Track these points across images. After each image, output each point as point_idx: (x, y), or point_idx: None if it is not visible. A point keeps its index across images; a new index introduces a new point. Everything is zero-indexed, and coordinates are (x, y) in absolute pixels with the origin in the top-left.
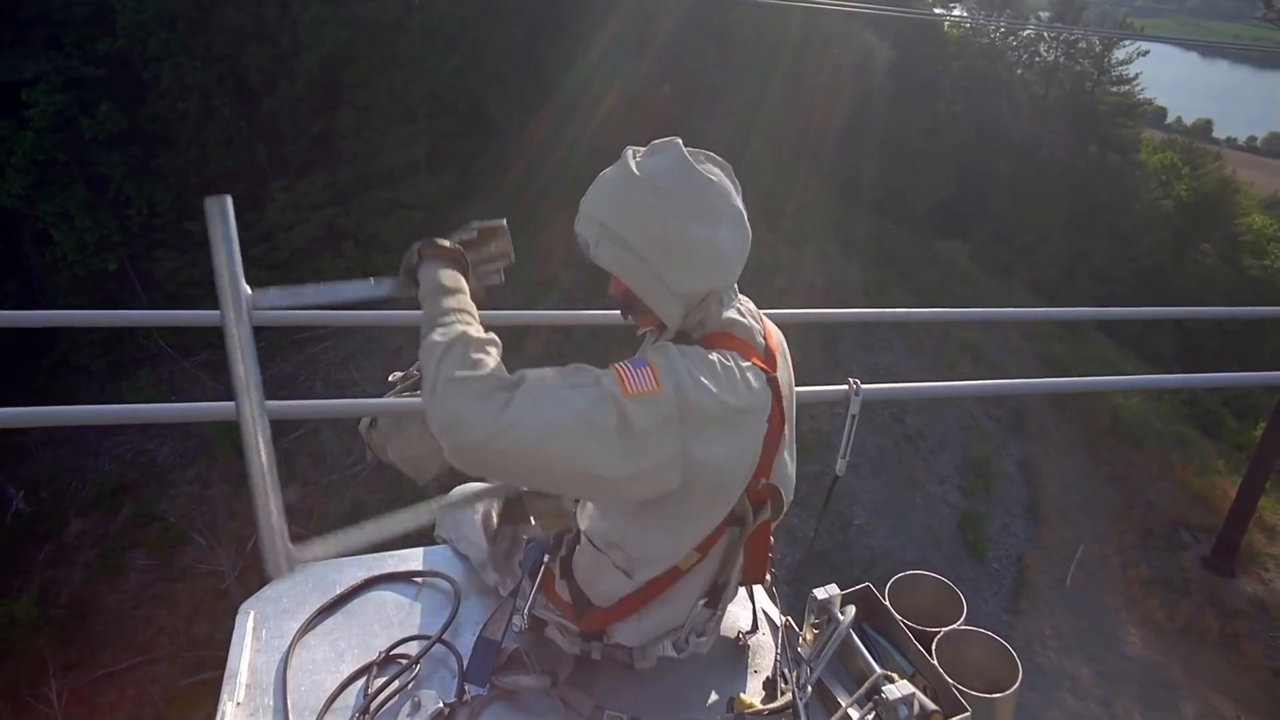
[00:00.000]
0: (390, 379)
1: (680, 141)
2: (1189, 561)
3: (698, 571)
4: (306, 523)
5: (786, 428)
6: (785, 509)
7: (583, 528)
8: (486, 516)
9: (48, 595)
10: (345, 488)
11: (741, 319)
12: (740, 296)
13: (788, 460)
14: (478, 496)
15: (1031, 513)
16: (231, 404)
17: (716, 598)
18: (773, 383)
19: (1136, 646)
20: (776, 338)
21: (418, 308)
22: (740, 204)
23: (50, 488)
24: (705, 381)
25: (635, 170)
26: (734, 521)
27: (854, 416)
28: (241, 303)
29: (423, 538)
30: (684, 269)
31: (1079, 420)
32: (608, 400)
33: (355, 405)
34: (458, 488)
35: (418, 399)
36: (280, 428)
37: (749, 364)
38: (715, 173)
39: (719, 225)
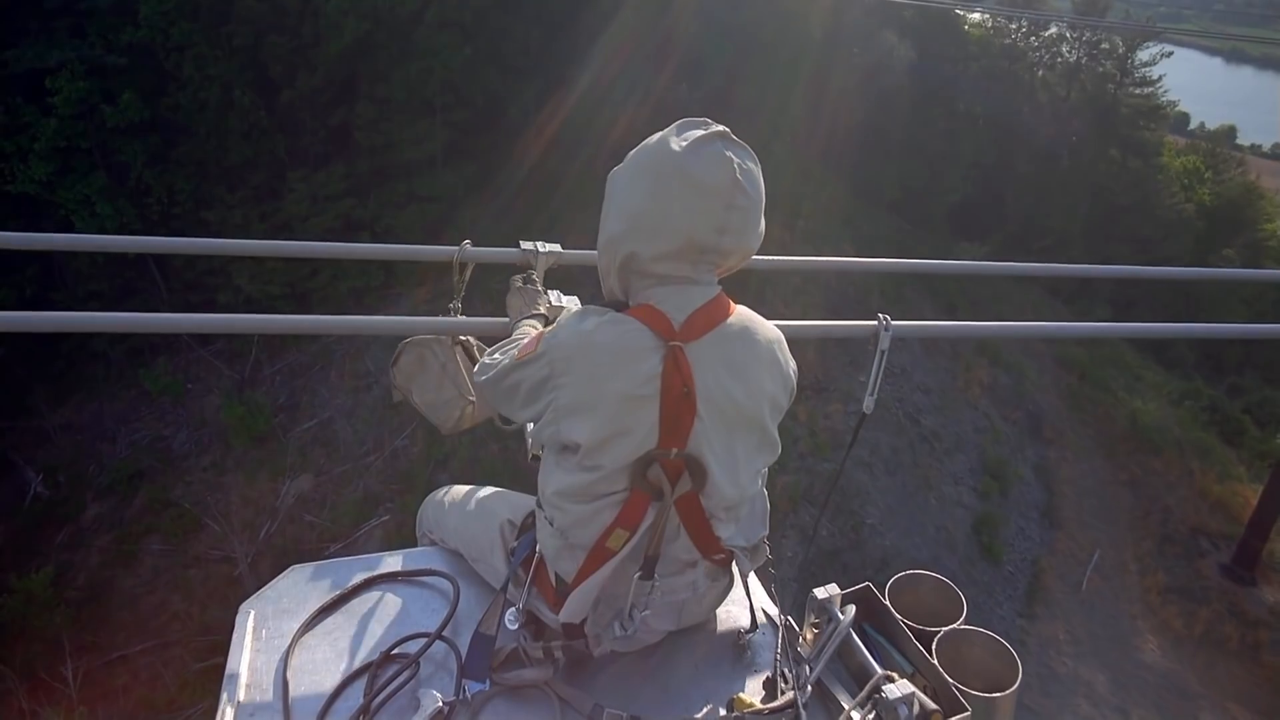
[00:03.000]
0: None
1: (699, 120)
2: (1208, 569)
3: (631, 549)
4: (320, 512)
5: (701, 401)
6: (710, 482)
7: (539, 500)
8: (483, 510)
9: (64, 578)
10: (358, 477)
11: (673, 297)
12: (714, 286)
13: (716, 433)
14: (469, 494)
15: (1047, 517)
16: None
17: (650, 569)
18: (674, 350)
19: (1154, 654)
20: (733, 324)
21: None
22: (728, 190)
23: (68, 472)
24: (577, 332)
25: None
26: (653, 494)
27: (883, 352)
28: None
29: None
30: (610, 218)
31: (1096, 425)
32: (512, 364)
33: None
34: (441, 488)
35: (441, 320)
36: (294, 417)
37: (642, 325)
38: (708, 152)
39: (666, 192)
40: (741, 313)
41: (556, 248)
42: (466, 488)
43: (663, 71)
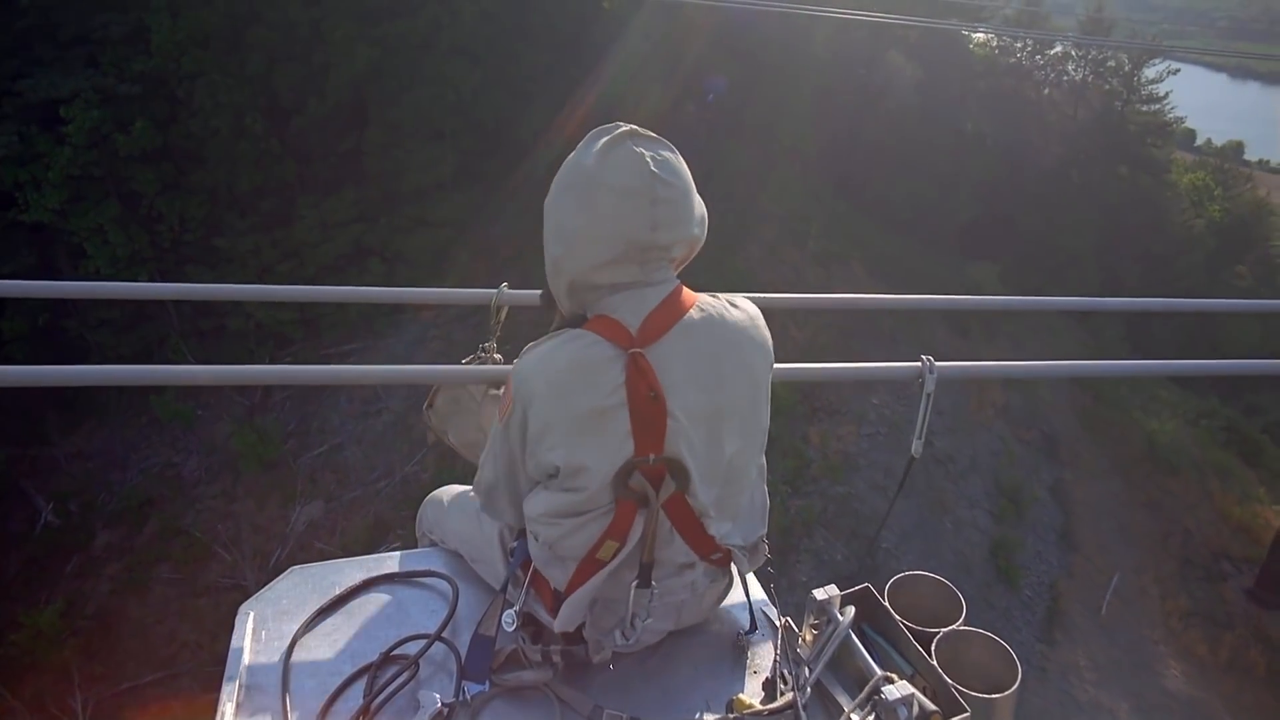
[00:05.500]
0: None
1: (608, 126)
2: (1231, 593)
3: (624, 559)
4: (331, 538)
5: (672, 402)
6: (692, 480)
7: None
8: (480, 515)
9: (74, 607)
10: (368, 504)
11: (625, 304)
12: (669, 280)
13: (694, 431)
14: (466, 494)
15: (1064, 539)
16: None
17: (647, 576)
18: (634, 357)
19: (1177, 681)
20: (695, 316)
21: None
22: (648, 186)
23: (78, 500)
24: (535, 358)
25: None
26: (639, 501)
27: (929, 395)
28: None
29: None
30: (549, 243)
31: (1112, 446)
32: (499, 434)
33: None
34: (441, 488)
35: (471, 368)
36: (304, 443)
37: (597, 337)
38: (618, 154)
39: (590, 203)
40: (703, 301)
41: None
42: (466, 488)
43: (670, 93)
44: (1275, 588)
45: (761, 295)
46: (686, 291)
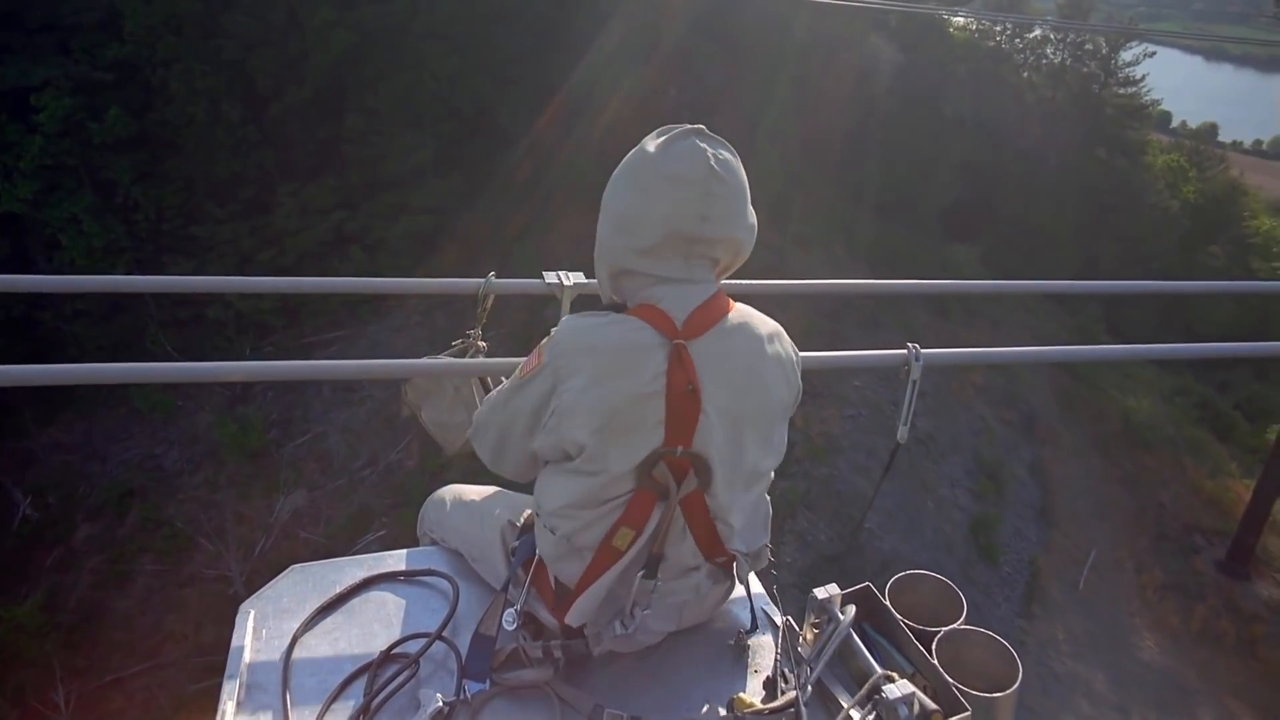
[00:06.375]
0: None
1: (679, 127)
2: (1203, 565)
3: (637, 549)
4: (315, 527)
5: (705, 399)
6: (715, 480)
7: (537, 511)
8: (484, 511)
9: (55, 601)
10: (352, 492)
11: (671, 295)
12: (713, 285)
13: (722, 431)
14: (470, 494)
15: (1043, 516)
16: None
17: (654, 569)
18: (678, 348)
19: (1151, 652)
20: (732, 320)
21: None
22: (704, 178)
23: (58, 493)
24: (579, 330)
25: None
26: (659, 493)
27: (915, 382)
28: None
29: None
30: (600, 226)
31: (1090, 423)
32: (514, 387)
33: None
34: (442, 489)
35: (448, 360)
36: (287, 432)
37: (644, 323)
38: (681, 146)
39: (645, 189)
40: (740, 309)
41: (581, 277)
42: (468, 487)
43: (652, 76)
44: (1245, 560)
45: (746, 282)
46: (725, 297)
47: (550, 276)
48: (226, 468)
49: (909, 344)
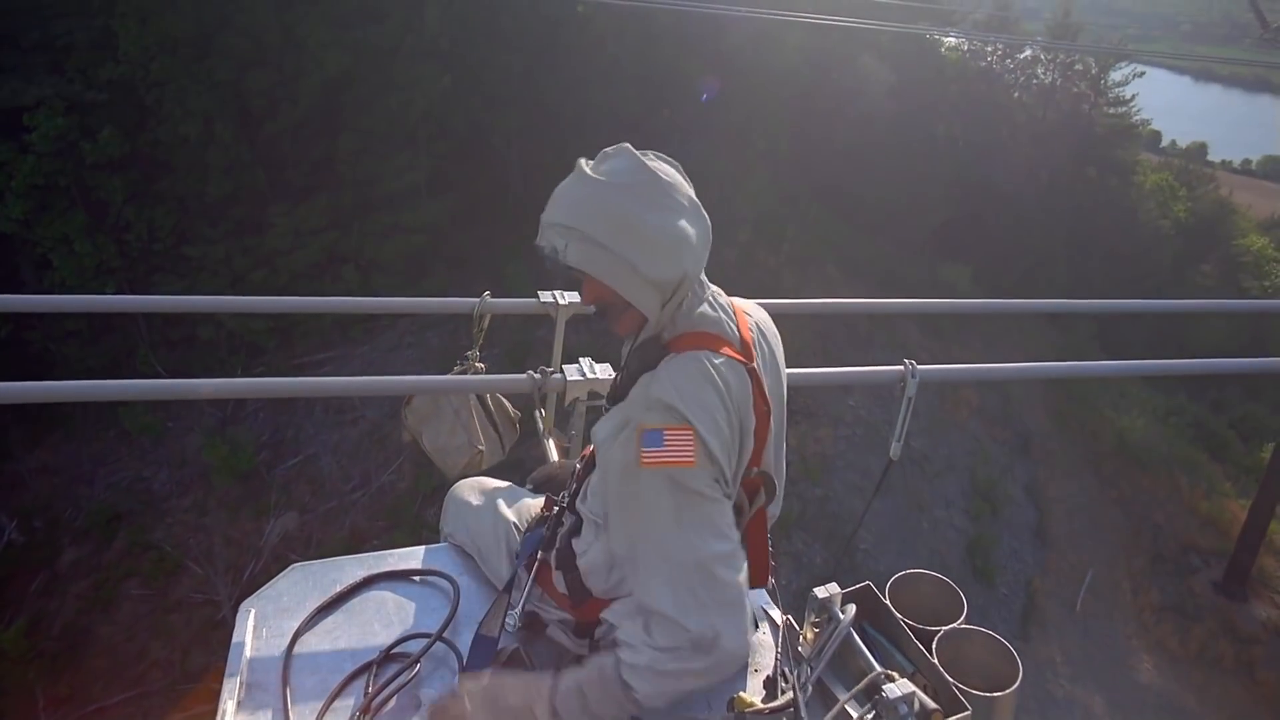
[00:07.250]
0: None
1: (629, 145)
2: (1200, 586)
3: None
4: (306, 551)
5: (773, 418)
6: (777, 495)
7: (584, 514)
8: (490, 511)
9: (39, 626)
10: (344, 514)
11: (711, 313)
12: (711, 286)
13: (775, 446)
14: (484, 491)
15: (1039, 536)
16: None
17: None
18: (752, 373)
19: (1149, 674)
20: (753, 322)
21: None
22: (694, 196)
23: (44, 517)
24: (713, 389)
25: (591, 174)
26: (734, 511)
27: (910, 399)
28: None
29: (423, 536)
30: (653, 255)
31: (1084, 443)
32: (701, 518)
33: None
34: (460, 482)
35: (448, 379)
36: (278, 454)
37: (723, 358)
38: (666, 169)
39: (678, 214)
40: (738, 304)
41: (577, 297)
42: (480, 483)
43: (644, 97)
44: (1242, 580)
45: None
46: (719, 289)
47: (545, 295)
48: (216, 490)
49: (905, 360)
